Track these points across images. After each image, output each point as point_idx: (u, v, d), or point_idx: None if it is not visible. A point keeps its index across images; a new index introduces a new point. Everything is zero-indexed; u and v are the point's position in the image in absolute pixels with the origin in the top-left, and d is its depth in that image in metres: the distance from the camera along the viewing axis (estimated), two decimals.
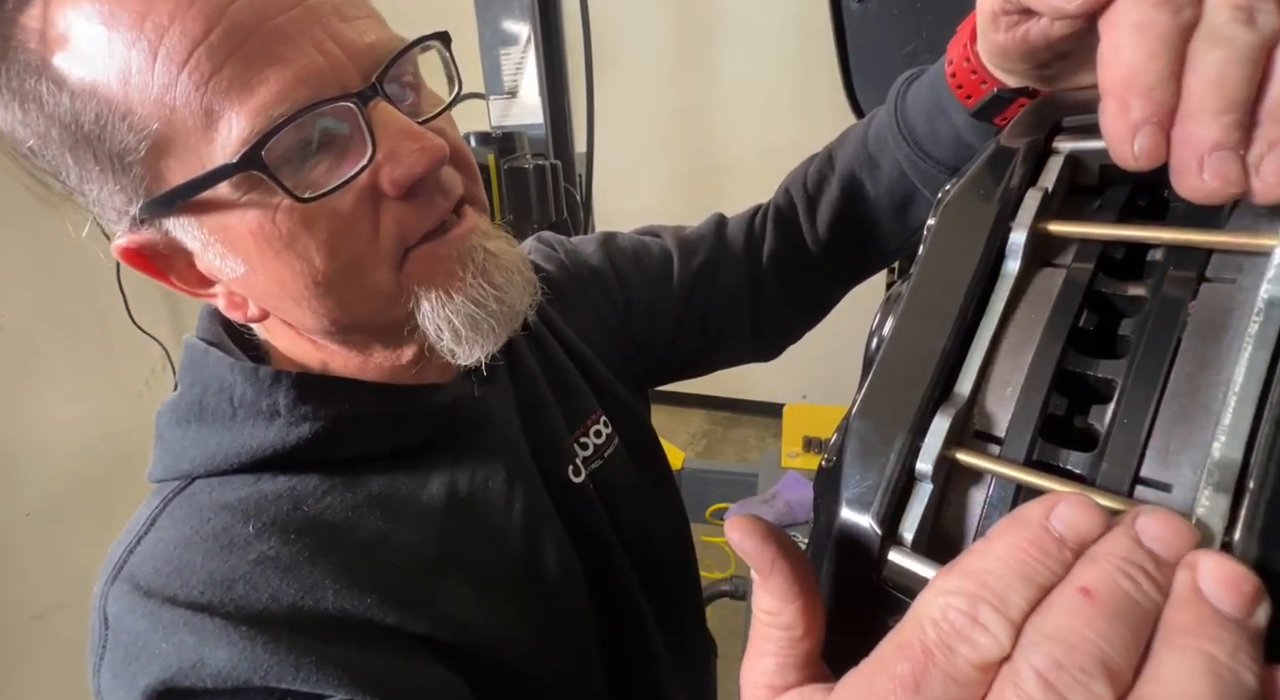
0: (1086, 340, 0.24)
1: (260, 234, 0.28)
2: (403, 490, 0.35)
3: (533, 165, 1.22)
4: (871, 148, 0.41)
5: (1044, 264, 0.26)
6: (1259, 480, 0.17)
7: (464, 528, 0.36)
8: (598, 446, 0.46)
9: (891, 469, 0.24)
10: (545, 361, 0.45)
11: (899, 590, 0.23)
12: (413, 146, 0.29)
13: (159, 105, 0.26)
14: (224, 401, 0.34)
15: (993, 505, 0.23)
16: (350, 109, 0.28)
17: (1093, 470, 0.21)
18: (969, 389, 0.24)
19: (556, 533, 0.41)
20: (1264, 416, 0.18)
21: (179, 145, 0.27)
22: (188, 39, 0.25)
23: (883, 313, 0.30)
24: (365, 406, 0.35)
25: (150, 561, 0.31)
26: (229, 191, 0.27)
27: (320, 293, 0.30)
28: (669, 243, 0.51)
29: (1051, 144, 0.27)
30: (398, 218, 0.30)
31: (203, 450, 0.33)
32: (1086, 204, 0.27)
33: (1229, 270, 0.22)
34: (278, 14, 0.26)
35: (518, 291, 0.34)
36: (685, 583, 0.53)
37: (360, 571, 0.32)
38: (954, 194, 0.29)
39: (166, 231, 0.30)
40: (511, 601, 0.36)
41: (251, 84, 0.26)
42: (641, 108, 2.52)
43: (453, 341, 0.33)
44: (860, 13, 0.70)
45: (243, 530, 0.31)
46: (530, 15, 1.23)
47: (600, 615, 0.42)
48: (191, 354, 0.36)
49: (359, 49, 0.28)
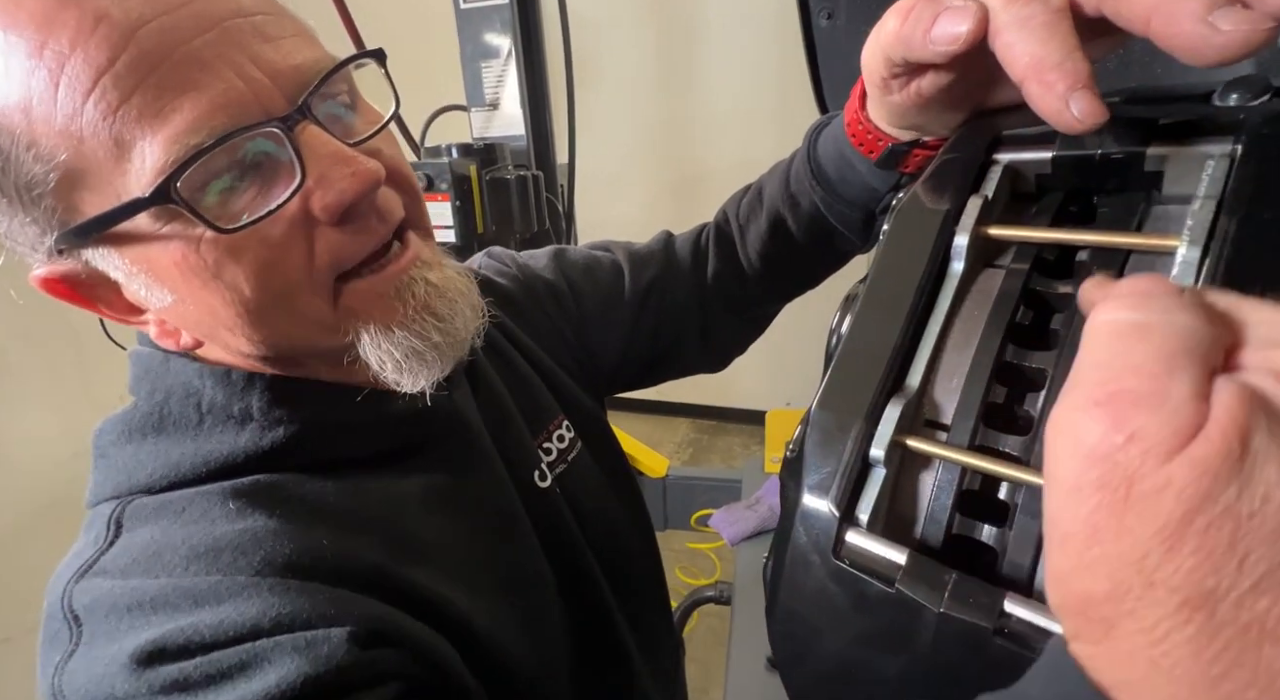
0: (1023, 334, 0.26)
1: (184, 264, 0.27)
2: (379, 494, 0.34)
3: (514, 176, 1.24)
4: (793, 187, 0.44)
5: (986, 265, 0.28)
6: None
7: (439, 525, 0.36)
8: (561, 451, 0.46)
9: (848, 456, 0.25)
10: (505, 369, 0.45)
11: (857, 568, 0.24)
12: (344, 171, 0.27)
13: (65, 135, 0.24)
14: (190, 409, 0.31)
15: (941, 487, 0.25)
16: (276, 134, 0.26)
17: (1028, 452, 0.23)
18: (919, 380, 0.26)
19: (527, 534, 0.41)
20: None
21: (91, 176, 0.25)
22: (91, 67, 0.23)
23: (841, 311, 0.32)
24: (341, 411, 0.34)
25: (124, 555, 0.28)
26: (148, 223, 0.26)
27: (253, 321, 0.29)
28: (620, 257, 0.52)
29: (992, 155, 0.29)
30: (332, 244, 0.29)
31: (163, 462, 0.31)
32: (1025, 210, 0.29)
33: (1144, 268, 0.24)
34: (191, 38, 0.25)
35: (463, 320, 0.33)
36: (652, 583, 0.53)
37: (349, 542, 0.31)
38: (905, 201, 0.31)
39: (87, 261, 0.28)
40: (484, 593, 0.36)
41: (165, 112, 0.24)
42: (624, 119, 2.56)
43: (395, 373, 0.32)
44: (830, 29, 0.73)
45: (222, 510, 0.29)
46: (511, 28, 1.25)
47: (571, 617, 0.42)
48: (147, 363, 0.33)
49: (283, 71, 0.27)
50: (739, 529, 1.21)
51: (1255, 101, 0.23)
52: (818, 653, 0.27)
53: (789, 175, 0.44)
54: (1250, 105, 0.23)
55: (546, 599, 0.41)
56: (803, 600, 0.26)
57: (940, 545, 0.24)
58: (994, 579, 0.22)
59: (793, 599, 0.26)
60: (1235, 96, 0.24)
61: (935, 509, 0.25)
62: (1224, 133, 0.23)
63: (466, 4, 1.27)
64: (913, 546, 0.24)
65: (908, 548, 0.23)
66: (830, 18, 0.72)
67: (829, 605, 0.25)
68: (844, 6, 0.70)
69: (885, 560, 0.24)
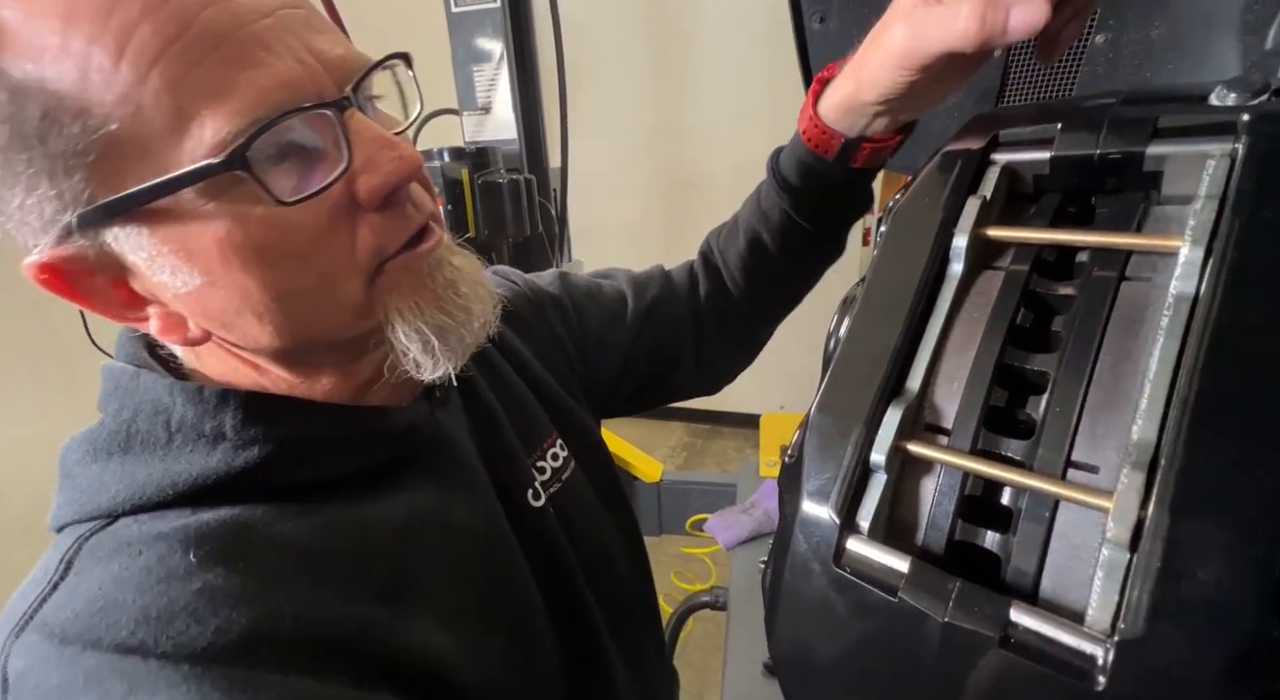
0: (1024, 336, 0.26)
1: (228, 242, 0.27)
2: (357, 516, 0.33)
3: (507, 180, 1.23)
4: (764, 206, 0.49)
5: (986, 266, 0.28)
6: (1169, 458, 0.19)
7: (422, 554, 0.34)
8: (555, 469, 0.45)
9: (848, 461, 0.25)
10: (499, 385, 0.45)
11: (858, 576, 0.24)
12: (390, 155, 0.28)
13: (122, 103, 0.24)
14: (158, 427, 0.30)
15: (943, 492, 0.24)
16: (327, 117, 0.27)
17: (1030, 456, 0.23)
18: (919, 384, 0.26)
19: (516, 558, 0.39)
20: (1173, 401, 0.20)
21: (139, 146, 0.25)
22: (159, 37, 0.24)
23: (839, 314, 0.32)
24: (318, 428, 0.32)
25: (68, 606, 0.26)
26: (194, 198, 0.26)
27: (286, 306, 0.29)
28: (621, 282, 0.55)
29: (989, 156, 0.29)
30: (376, 228, 0.30)
31: (127, 484, 0.29)
32: (1023, 211, 0.29)
33: (1145, 269, 0.24)
34: (254, 21, 0.26)
35: (482, 304, 0.34)
36: (643, 606, 0.52)
37: (318, 597, 0.29)
38: (903, 202, 0.31)
39: (102, 243, 0.27)
40: (471, 629, 0.34)
41: (228, 85, 0.25)
42: (617, 123, 2.56)
43: (420, 353, 0.32)
44: (822, 33, 0.74)
45: (182, 560, 0.27)
46: (503, 33, 1.25)
47: (561, 643, 0.41)
48: (117, 379, 0.32)
49: (332, 59, 0.28)
50: (734, 533, 1.21)
51: (1254, 101, 0.23)
52: (819, 662, 0.26)
53: (759, 198, 0.49)
54: (1249, 104, 0.23)
55: (537, 626, 0.39)
56: (803, 609, 0.25)
57: (943, 552, 0.24)
58: (998, 586, 0.22)
59: (793, 608, 0.26)
60: (1233, 96, 0.24)
61: (937, 515, 0.24)
62: (1223, 132, 0.23)
63: (458, 8, 1.27)
64: (915, 554, 0.23)
65: (910, 555, 0.23)
66: (823, 21, 0.72)
67: (830, 614, 0.24)
68: (836, 10, 0.70)
69: (887, 568, 0.23)
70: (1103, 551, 0.19)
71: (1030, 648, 0.20)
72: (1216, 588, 0.17)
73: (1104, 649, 0.18)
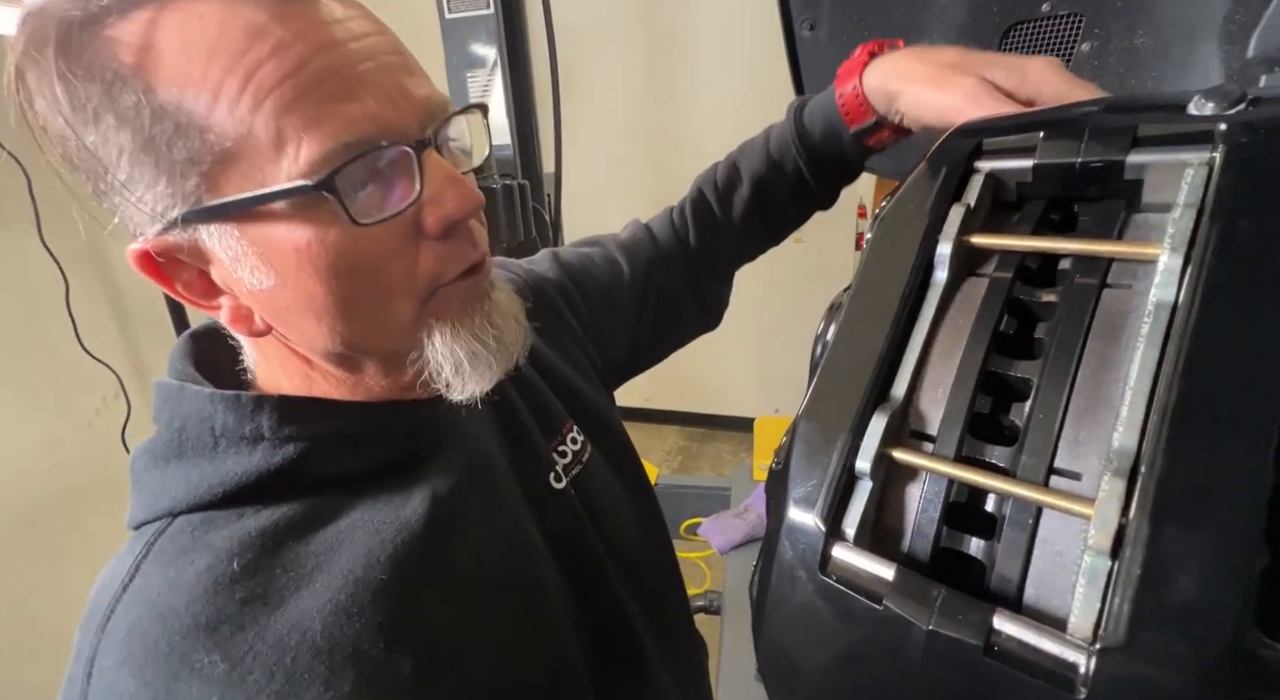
0: (1007, 343, 0.26)
1: (306, 250, 0.30)
2: (385, 508, 0.36)
3: (500, 185, 1.23)
4: (775, 156, 0.53)
5: (970, 273, 0.28)
6: (1149, 465, 0.19)
7: (446, 541, 0.36)
8: (575, 452, 0.48)
9: (834, 468, 0.25)
10: (515, 378, 0.47)
11: (844, 584, 0.24)
12: (456, 192, 0.32)
13: (238, 125, 0.28)
14: (205, 433, 0.34)
15: (928, 499, 0.25)
16: (407, 153, 0.31)
17: (1014, 463, 0.23)
18: (904, 391, 0.26)
19: (537, 541, 0.41)
20: (1153, 408, 0.20)
21: (244, 161, 0.29)
22: (278, 73, 0.28)
23: (826, 320, 0.32)
24: (347, 424, 0.36)
25: (135, 608, 0.31)
26: (285, 208, 0.29)
27: (344, 313, 0.32)
28: (611, 249, 0.58)
29: (974, 164, 0.29)
30: (437, 255, 0.33)
31: (184, 485, 0.34)
32: (1007, 218, 0.29)
33: (1126, 277, 0.24)
34: (360, 63, 0.30)
35: (513, 335, 0.37)
36: (671, 586, 0.54)
37: (346, 598, 0.32)
38: (889, 210, 0.31)
39: (197, 238, 0.31)
40: (494, 612, 0.37)
41: (326, 115, 0.28)
42: (610, 128, 2.56)
43: (452, 374, 0.35)
44: (812, 40, 0.74)
45: (227, 569, 0.31)
46: (497, 38, 1.25)
47: (587, 621, 0.43)
48: (165, 393, 0.36)
49: (418, 100, 0.31)
50: (728, 538, 1.21)
51: (1231, 110, 0.23)
52: (805, 670, 0.26)
53: (768, 146, 0.53)
54: (1226, 114, 0.23)
55: (557, 605, 0.41)
56: (789, 617, 0.25)
57: (928, 559, 0.24)
58: (983, 593, 0.22)
59: (779, 616, 0.26)
60: (1211, 106, 0.24)
61: (922, 522, 0.24)
62: (1201, 141, 0.23)
63: (451, 14, 1.27)
64: (900, 561, 0.23)
65: (895, 562, 0.23)
66: (813, 29, 0.73)
67: (816, 622, 0.24)
68: (826, 18, 0.71)
69: (872, 576, 0.23)
70: (1085, 558, 0.19)
71: (1013, 656, 0.20)
72: (1196, 595, 0.17)
73: (1085, 656, 0.18)
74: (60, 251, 1.25)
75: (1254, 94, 0.24)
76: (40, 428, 1.39)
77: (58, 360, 1.38)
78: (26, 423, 1.38)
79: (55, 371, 1.39)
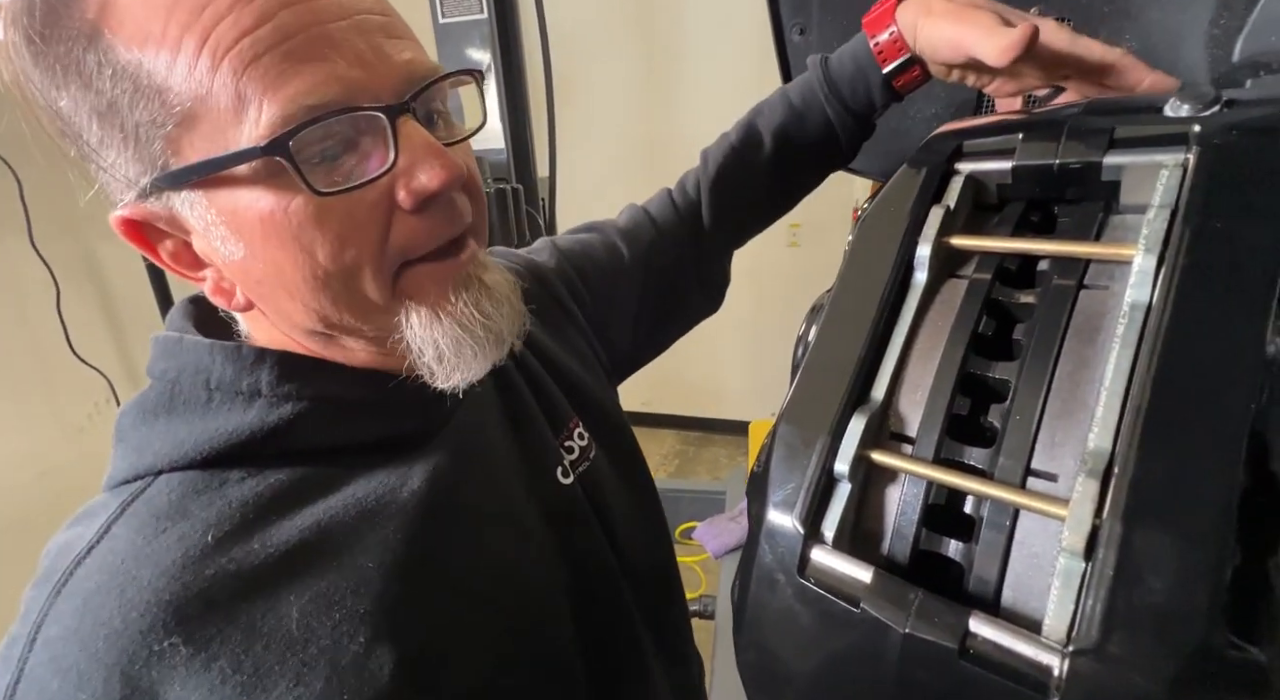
0: (986, 344, 0.26)
1: (270, 220, 0.29)
2: (380, 488, 0.34)
3: (494, 189, 1.23)
4: (799, 107, 0.52)
5: (950, 275, 0.28)
6: (1122, 466, 0.19)
7: (442, 529, 0.35)
8: (582, 448, 0.46)
9: (813, 471, 0.25)
10: (523, 370, 0.46)
11: (822, 587, 0.24)
12: (433, 162, 0.30)
13: (196, 86, 0.26)
14: (199, 386, 0.32)
15: (907, 502, 0.24)
16: (379, 119, 0.28)
17: (992, 464, 0.23)
18: (883, 393, 0.26)
19: (541, 534, 0.40)
20: (1127, 408, 0.20)
21: (206, 124, 0.27)
22: (236, 29, 0.26)
23: (808, 322, 0.32)
24: (351, 390, 0.34)
25: (96, 575, 0.28)
26: (247, 174, 0.28)
27: (315, 288, 0.30)
28: (609, 233, 0.56)
29: (954, 165, 0.29)
30: (407, 230, 0.31)
31: (170, 441, 0.31)
32: (987, 220, 0.29)
33: (1103, 278, 0.24)
34: (328, 21, 0.27)
35: (506, 321, 0.35)
36: (673, 595, 0.53)
37: (327, 585, 0.30)
38: (869, 212, 0.31)
39: (172, 207, 0.30)
40: (487, 605, 0.35)
41: (286, 75, 0.27)
42: (605, 133, 2.57)
43: (434, 361, 0.33)
44: (803, 44, 0.75)
45: (200, 541, 0.29)
46: (491, 43, 1.26)
47: (590, 623, 0.41)
48: (163, 345, 0.34)
49: (397, 65, 0.29)
50: (723, 541, 1.20)
51: (1205, 112, 0.23)
52: (784, 673, 0.26)
53: (789, 98, 0.52)
54: (1201, 116, 0.23)
55: (555, 600, 0.40)
56: (768, 620, 0.25)
57: (908, 561, 0.24)
58: (960, 596, 0.22)
59: (758, 620, 0.26)
60: (1186, 107, 0.24)
61: (902, 524, 0.24)
62: (1176, 143, 0.23)
63: (445, 18, 1.28)
64: (880, 563, 0.23)
65: (874, 565, 0.23)
66: (803, 33, 0.73)
67: (794, 626, 0.24)
68: (815, 23, 0.71)
69: (851, 579, 0.23)
70: (1060, 560, 0.19)
71: (988, 658, 0.19)
72: (1168, 596, 0.17)
73: (1059, 659, 0.18)
74: (51, 255, 1.25)
75: (1228, 96, 0.24)
76: (31, 434, 1.39)
77: (48, 366, 1.37)
78: (17, 429, 1.37)
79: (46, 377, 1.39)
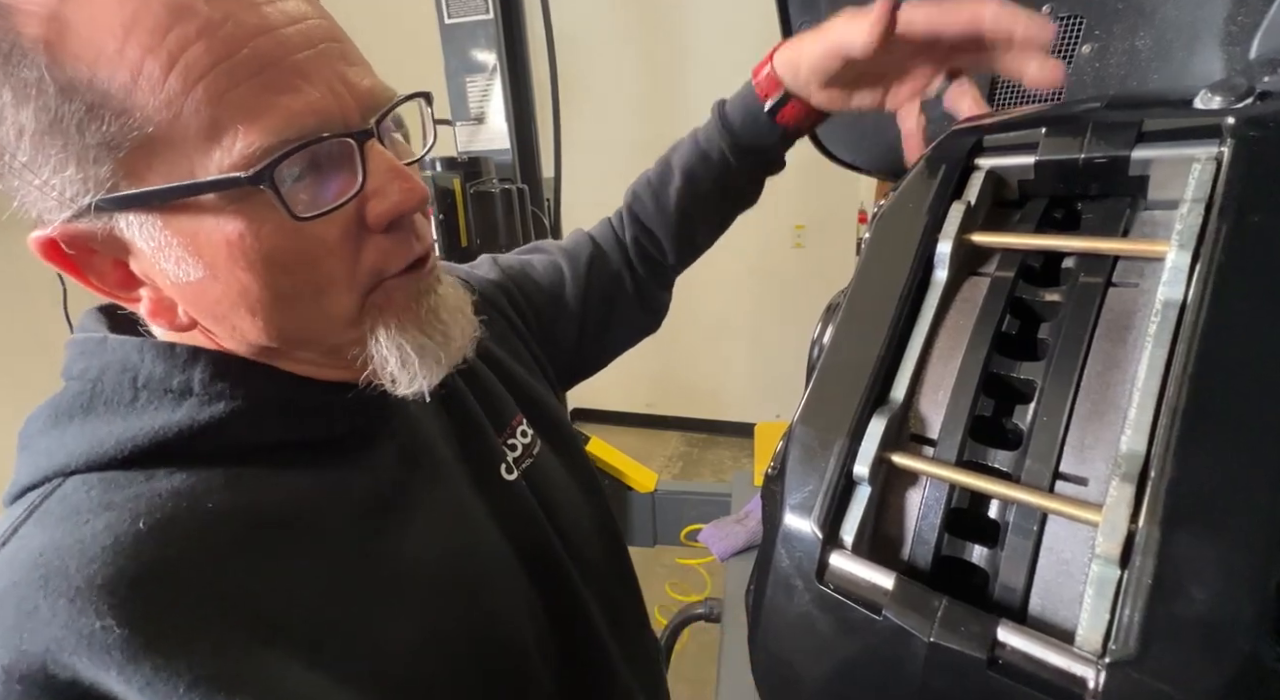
0: (1010, 344, 0.25)
1: (239, 243, 0.28)
2: (321, 485, 0.34)
3: (499, 189, 1.23)
4: (703, 146, 0.54)
5: (971, 273, 0.27)
6: (1159, 469, 0.18)
7: (385, 530, 0.35)
8: (525, 446, 0.48)
9: (831, 473, 0.24)
10: (465, 373, 0.46)
11: (841, 593, 0.23)
12: (401, 185, 0.31)
13: (164, 109, 0.26)
14: (124, 384, 0.31)
15: (929, 505, 0.24)
16: (349, 144, 0.30)
17: (1018, 467, 0.22)
18: (903, 393, 0.25)
19: (488, 531, 0.41)
20: (1162, 410, 0.19)
21: (170, 149, 0.27)
22: (210, 56, 0.26)
23: (823, 322, 0.31)
24: (285, 391, 0.34)
25: (6, 574, 0.26)
26: (215, 199, 0.28)
27: (280, 307, 0.30)
28: (551, 251, 0.60)
29: (974, 161, 0.29)
30: (379, 250, 0.32)
31: (87, 441, 0.29)
32: (1008, 217, 0.29)
33: (1132, 275, 0.23)
34: (297, 52, 0.28)
35: (459, 330, 0.36)
36: (626, 586, 0.54)
37: (260, 590, 0.29)
38: (886, 208, 0.30)
39: (114, 227, 0.28)
40: (435, 605, 0.35)
41: (264, 106, 0.27)
42: (610, 134, 2.57)
43: (398, 367, 0.33)
44: None
45: (130, 529, 0.27)
46: (496, 44, 1.25)
47: (542, 609, 0.42)
48: (82, 346, 0.33)
49: (361, 92, 0.30)
50: (728, 544, 1.19)
51: (1239, 104, 0.23)
52: (802, 682, 0.25)
53: (697, 140, 0.55)
54: (1234, 107, 0.23)
55: (510, 595, 0.41)
56: (785, 628, 0.24)
57: (929, 567, 0.23)
58: (986, 603, 0.21)
59: (775, 626, 0.25)
60: (1218, 100, 0.23)
61: (923, 529, 0.23)
62: (1209, 136, 0.23)
63: (451, 19, 1.28)
64: (900, 569, 0.22)
65: (895, 571, 0.22)
66: None
67: (813, 633, 0.23)
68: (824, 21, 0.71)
69: (871, 585, 0.22)
70: (1092, 567, 0.19)
71: (1019, 669, 0.19)
72: (1210, 606, 0.16)
73: (1094, 670, 0.18)
74: None
75: (1261, 88, 0.23)
76: None
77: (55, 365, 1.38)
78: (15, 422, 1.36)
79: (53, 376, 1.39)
